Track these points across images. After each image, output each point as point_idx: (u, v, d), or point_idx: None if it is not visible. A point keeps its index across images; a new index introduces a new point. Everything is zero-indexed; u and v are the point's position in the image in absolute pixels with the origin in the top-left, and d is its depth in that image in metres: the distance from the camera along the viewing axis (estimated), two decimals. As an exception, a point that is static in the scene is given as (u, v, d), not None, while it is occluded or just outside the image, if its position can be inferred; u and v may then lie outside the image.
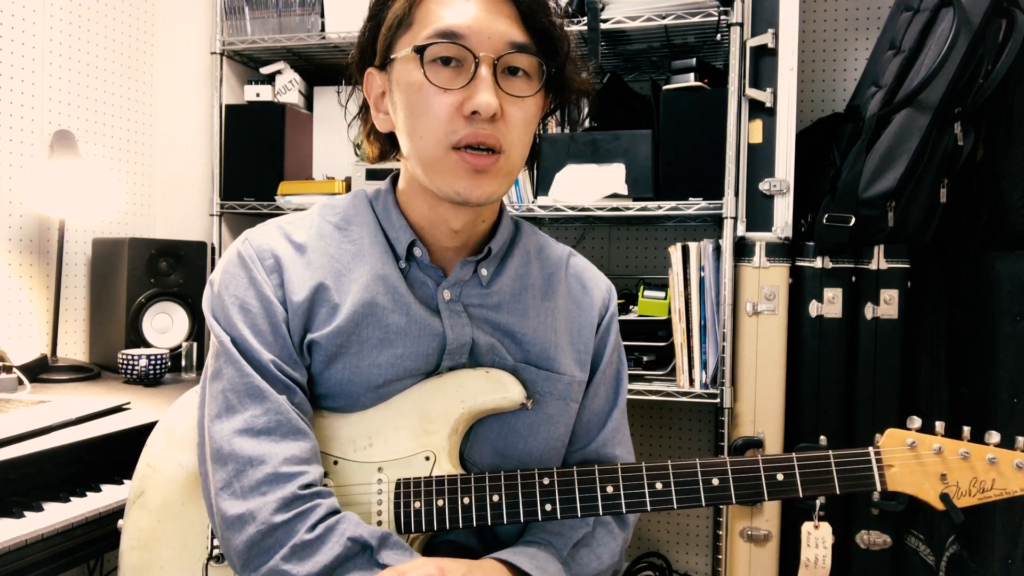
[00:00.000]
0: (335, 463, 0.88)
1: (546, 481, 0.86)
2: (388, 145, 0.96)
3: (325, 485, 0.86)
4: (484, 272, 0.93)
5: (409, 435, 0.88)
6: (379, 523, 0.86)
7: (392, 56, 0.87)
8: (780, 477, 0.85)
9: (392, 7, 0.86)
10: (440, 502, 0.86)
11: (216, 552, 0.90)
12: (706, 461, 0.86)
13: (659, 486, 0.86)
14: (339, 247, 0.91)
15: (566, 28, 0.88)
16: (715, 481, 0.85)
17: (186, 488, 0.93)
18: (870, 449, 0.85)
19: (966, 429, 0.84)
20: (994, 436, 0.83)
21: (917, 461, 0.84)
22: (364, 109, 0.96)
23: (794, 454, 0.85)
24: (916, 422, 0.85)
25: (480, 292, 0.93)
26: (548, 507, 0.86)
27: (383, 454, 0.88)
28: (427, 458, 0.88)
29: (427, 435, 0.88)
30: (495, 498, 0.86)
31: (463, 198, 0.84)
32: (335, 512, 0.82)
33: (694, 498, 0.85)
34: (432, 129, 0.83)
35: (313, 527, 0.79)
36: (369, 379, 0.88)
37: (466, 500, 0.86)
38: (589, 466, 0.88)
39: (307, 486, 0.81)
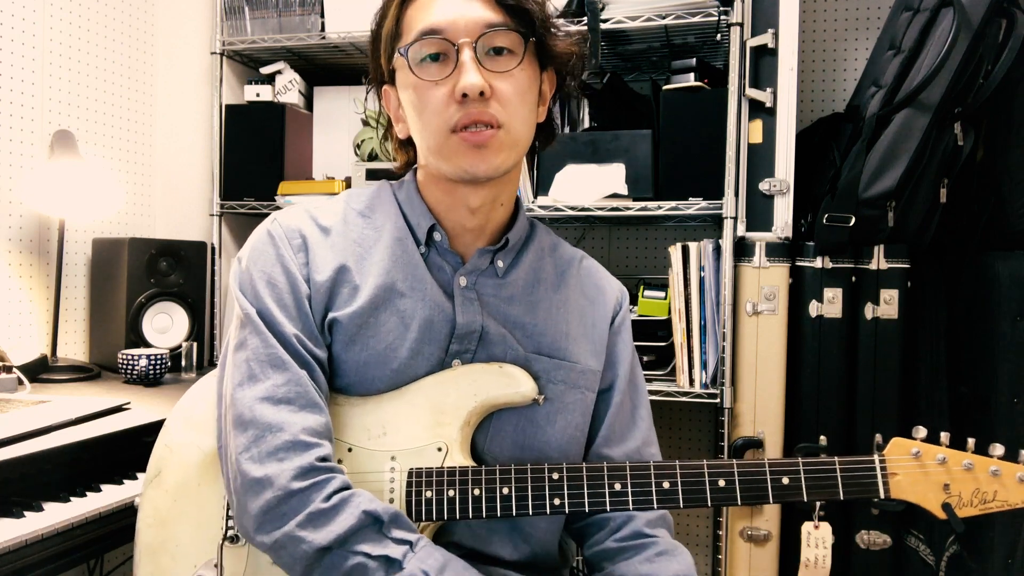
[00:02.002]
0: (349, 450, 0.91)
1: (555, 476, 0.88)
2: (413, 152, 1.00)
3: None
4: (500, 264, 0.97)
5: (422, 426, 0.91)
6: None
7: (393, 68, 0.94)
8: (786, 481, 0.86)
9: (384, 26, 0.94)
10: (451, 492, 0.88)
11: (231, 532, 0.91)
12: (713, 463, 0.87)
13: (666, 485, 0.87)
14: (362, 232, 0.96)
15: (544, 1, 0.94)
16: (721, 482, 0.86)
17: (203, 470, 0.95)
18: (875, 456, 0.86)
19: (971, 441, 0.85)
20: (998, 448, 0.84)
21: (921, 470, 0.84)
22: (389, 124, 1.02)
23: (800, 458, 0.86)
24: (921, 432, 0.86)
25: (495, 282, 0.97)
26: (556, 501, 0.88)
27: (396, 443, 0.91)
28: (439, 449, 0.90)
29: (440, 427, 0.91)
30: (505, 490, 0.88)
31: (471, 174, 0.89)
32: (348, 487, 0.85)
33: (700, 498, 0.87)
34: (433, 120, 0.89)
35: (328, 497, 0.82)
36: (385, 361, 0.91)
37: (476, 492, 0.88)
38: (599, 463, 0.90)
39: (323, 458, 0.84)
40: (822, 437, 1.67)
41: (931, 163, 1.61)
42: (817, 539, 1.62)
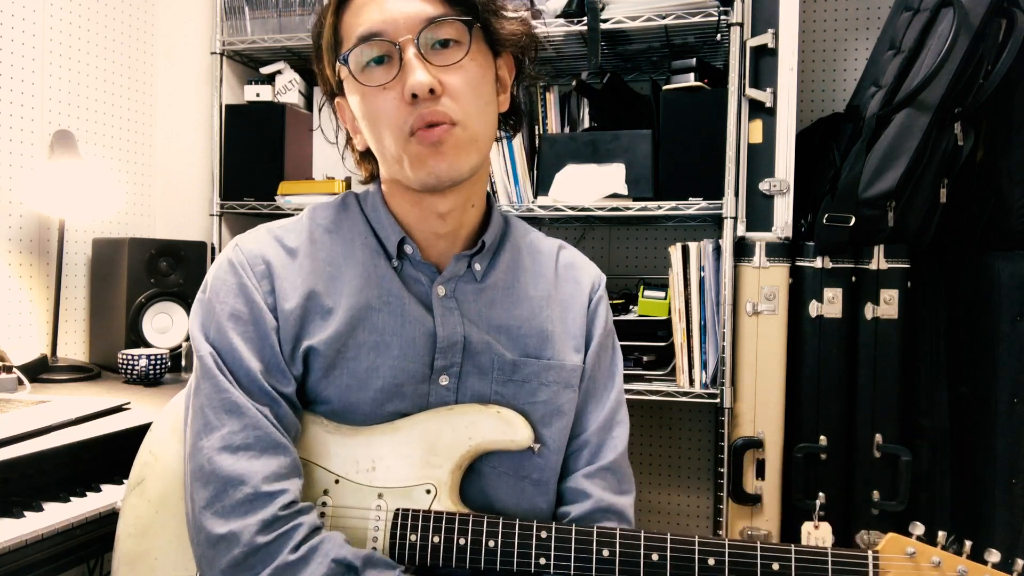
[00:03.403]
0: (336, 481, 0.89)
1: (543, 535, 0.86)
2: (375, 163, 0.96)
3: (324, 504, 0.87)
4: (478, 267, 0.94)
5: (413, 465, 0.88)
6: (373, 549, 0.87)
7: (340, 78, 0.89)
8: (776, 567, 0.84)
9: (323, 36, 0.90)
10: (436, 539, 0.86)
11: None
12: (705, 540, 0.85)
13: (655, 557, 0.85)
14: (330, 250, 0.92)
15: None
16: (711, 561, 0.84)
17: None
18: (869, 552, 0.84)
19: (967, 544, 0.84)
20: (994, 555, 0.82)
21: (915, 571, 0.83)
22: (349, 137, 0.98)
23: (793, 546, 0.84)
24: (919, 528, 0.84)
25: (475, 287, 0.94)
26: (542, 561, 0.86)
27: (385, 480, 0.88)
28: (428, 491, 0.88)
29: (430, 467, 0.88)
30: (491, 544, 0.86)
31: (435, 176, 0.85)
32: (317, 529, 0.82)
33: (688, 575, 0.84)
34: (388, 127, 0.85)
35: (296, 547, 0.80)
36: (368, 384, 0.88)
37: (462, 541, 0.86)
38: (588, 526, 0.87)
39: (288, 505, 0.82)
40: (822, 437, 1.67)
41: (931, 163, 1.61)
42: (817, 539, 1.62)
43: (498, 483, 0.92)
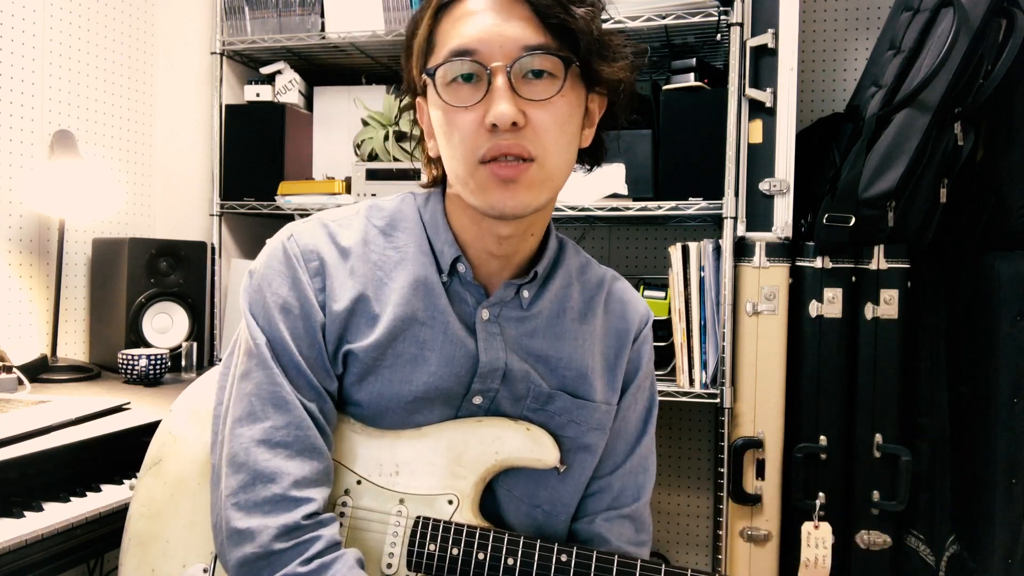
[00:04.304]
0: (358, 482, 0.88)
1: (563, 558, 0.85)
2: (442, 170, 0.93)
3: (344, 504, 0.87)
4: (526, 294, 0.92)
5: (437, 473, 0.88)
6: (390, 555, 0.86)
7: (424, 83, 0.86)
8: None
9: (417, 36, 0.87)
10: (455, 551, 0.85)
11: None
12: None
13: None
14: (382, 254, 0.90)
15: (594, 18, 0.83)
16: None
17: (205, 468, 0.92)
18: None
19: None
20: None
21: None
22: (422, 137, 0.95)
23: None
24: None
25: (519, 314, 0.92)
26: None
27: (408, 486, 0.88)
28: (450, 501, 0.88)
29: (455, 478, 0.88)
30: (510, 561, 0.85)
31: (498, 211, 0.82)
32: (334, 545, 0.82)
33: None
34: (460, 148, 0.82)
35: (308, 561, 0.79)
36: (400, 395, 0.88)
37: (481, 556, 0.85)
38: (609, 553, 0.86)
39: (311, 515, 0.81)
40: (822, 437, 1.67)
41: (931, 163, 1.61)
42: (817, 539, 1.62)
43: (510, 508, 0.92)
